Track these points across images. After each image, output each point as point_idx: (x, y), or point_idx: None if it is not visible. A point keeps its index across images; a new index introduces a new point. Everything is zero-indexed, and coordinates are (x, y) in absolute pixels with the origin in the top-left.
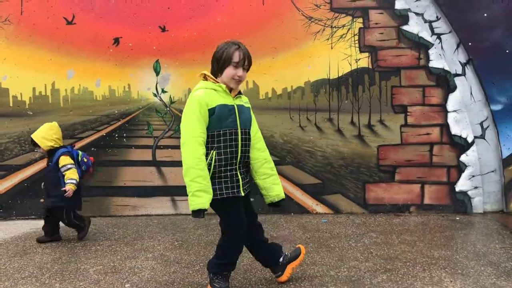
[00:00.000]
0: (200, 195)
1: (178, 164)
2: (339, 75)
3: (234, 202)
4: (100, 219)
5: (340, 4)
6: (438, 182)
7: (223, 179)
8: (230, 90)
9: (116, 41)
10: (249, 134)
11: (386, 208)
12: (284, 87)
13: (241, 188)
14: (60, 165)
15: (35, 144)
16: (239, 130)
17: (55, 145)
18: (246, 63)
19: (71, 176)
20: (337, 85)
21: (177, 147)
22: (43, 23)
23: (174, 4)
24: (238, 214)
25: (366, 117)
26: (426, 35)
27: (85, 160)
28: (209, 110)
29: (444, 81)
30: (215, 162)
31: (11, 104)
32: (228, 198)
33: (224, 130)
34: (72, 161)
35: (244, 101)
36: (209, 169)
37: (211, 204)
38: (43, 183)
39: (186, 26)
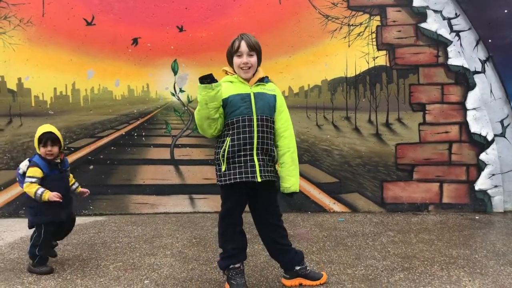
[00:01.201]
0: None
1: (196, 162)
2: (357, 73)
3: (236, 192)
4: (120, 216)
5: (357, 2)
6: (457, 180)
7: (237, 164)
8: (249, 79)
9: (135, 41)
10: (269, 121)
11: (404, 207)
12: (301, 85)
13: (257, 174)
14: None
15: (53, 145)
16: (254, 117)
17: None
18: (247, 49)
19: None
20: (354, 83)
21: (195, 145)
22: (64, 25)
23: (191, 5)
24: (233, 206)
25: (384, 115)
26: (444, 32)
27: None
28: (222, 101)
29: (463, 79)
30: (229, 148)
31: (33, 104)
32: (236, 185)
33: (238, 117)
34: None
35: (268, 88)
36: (223, 155)
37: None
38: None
39: (203, 26)
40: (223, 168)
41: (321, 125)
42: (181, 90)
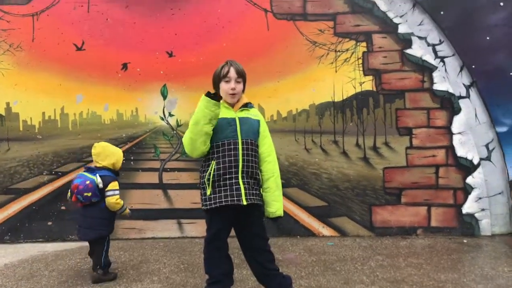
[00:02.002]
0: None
1: (184, 186)
2: (344, 98)
3: (222, 216)
4: None
5: (343, 29)
6: (445, 204)
7: (222, 188)
8: (233, 105)
9: (125, 66)
10: (253, 145)
11: (393, 230)
12: (289, 110)
13: (243, 197)
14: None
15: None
16: (239, 140)
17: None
18: (236, 75)
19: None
20: (341, 108)
21: (183, 169)
22: (54, 49)
23: (181, 31)
24: (218, 230)
25: (371, 139)
26: (429, 58)
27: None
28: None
29: (449, 103)
30: (214, 171)
31: (21, 128)
32: (221, 208)
33: (223, 140)
34: None
35: (252, 113)
36: (208, 179)
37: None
38: (85, 214)
39: (193, 51)
40: (208, 192)
41: (310, 149)
42: (170, 114)
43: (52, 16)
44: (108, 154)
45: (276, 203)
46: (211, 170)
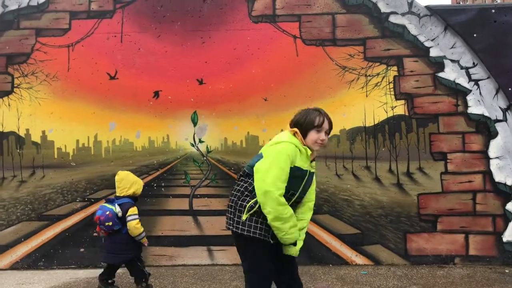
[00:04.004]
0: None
1: (214, 213)
2: (375, 123)
3: (264, 244)
4: None
5: (373, 53)
6: (484, 232)
7: (263, 220)
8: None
9: (156, 94)
10: (301, 200)
11: (429, 259)
12: None
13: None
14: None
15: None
16: (296, 195)
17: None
18: (328, 127)
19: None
20: (373, 133)
21: (213, 195)
22: (88, 79)
23: (211, 58)
24: (265, 257)
25: (404, 164)
26: (463, 81)
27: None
28: (291, 168)
29: (485, 127)
30: (259, 206)
31: (55, 156)
32: (260, 239)
33: (289, 192)
34: None
35: (313, 167)
36: (252, 207)
37: (238, 241)
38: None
39: (222, 78)
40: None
41: (341, 175)
42: (200, 141)
43: (86, 47)
44: (132, 182)
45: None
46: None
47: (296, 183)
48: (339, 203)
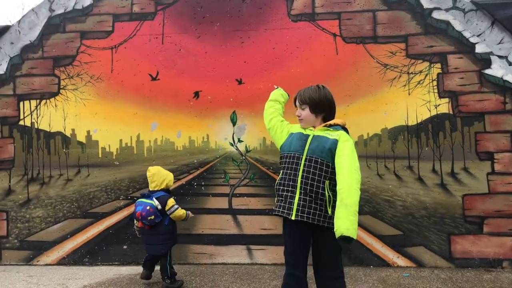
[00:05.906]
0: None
1: (254, 212)
2: (418, 122)
3: (289, 224)
4: (179, 266)
5: (416, 51)
6: None
7: (279, 197)
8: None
9: (196, 94)
10: (318, 163)
11: (475, 262)
12: (360, 134)
13: (293, 212)
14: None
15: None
16: (303, 156)
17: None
18: (299, 103)
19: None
20: (416, 132)
21: (252, 195)
22: (130, 80)
23: (250, 58)
24: (290, 237)
25: (448, 164)
26: (511, 78)
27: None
28: (290, 133)
29: None
30: (278, 180)
31: (100, 155)
32: (285, 219)
33: (289, 153)
34: None
35: (331, 133)
36: (275, 188)
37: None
38: (150, 232)
39: (261, 78)
40: (276, 199)
41: (382, 175)
42: (239, 140)
43: (129, 49)
44: (165, 175)
45: (337, 220)
46: (278, 179)
47: (296, 144)
48: (381, 204)
